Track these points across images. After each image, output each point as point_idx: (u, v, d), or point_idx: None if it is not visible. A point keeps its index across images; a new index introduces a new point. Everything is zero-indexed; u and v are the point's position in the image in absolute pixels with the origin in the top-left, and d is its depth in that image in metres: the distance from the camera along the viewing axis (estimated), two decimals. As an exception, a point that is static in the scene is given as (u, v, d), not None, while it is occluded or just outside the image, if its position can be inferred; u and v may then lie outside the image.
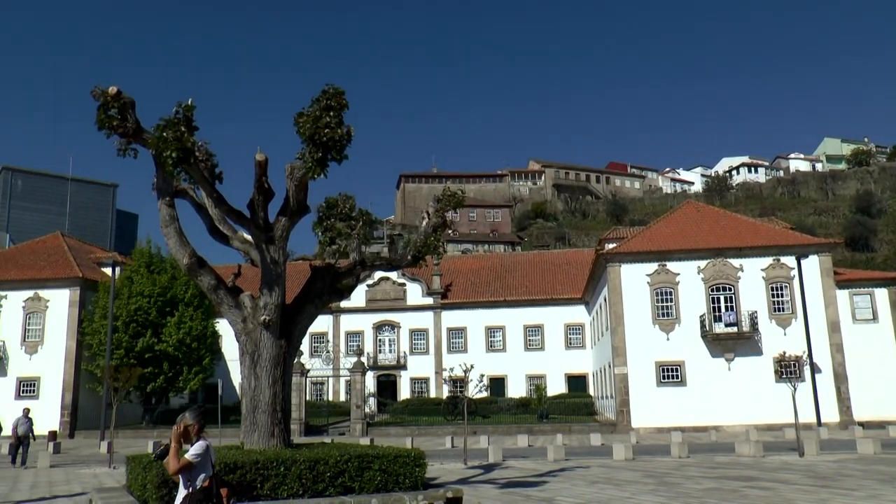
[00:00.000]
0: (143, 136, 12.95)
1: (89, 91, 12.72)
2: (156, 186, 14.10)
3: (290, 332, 14.02)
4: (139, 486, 12.35)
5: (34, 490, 18.81)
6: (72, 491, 18.19)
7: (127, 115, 12.88)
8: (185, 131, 12.08)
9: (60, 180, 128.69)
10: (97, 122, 12.74)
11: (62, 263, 53.93)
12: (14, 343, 52.05)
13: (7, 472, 24.07)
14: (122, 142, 13.13)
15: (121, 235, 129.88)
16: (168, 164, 12.22)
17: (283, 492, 11.62)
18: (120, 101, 12.75)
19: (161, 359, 48.24)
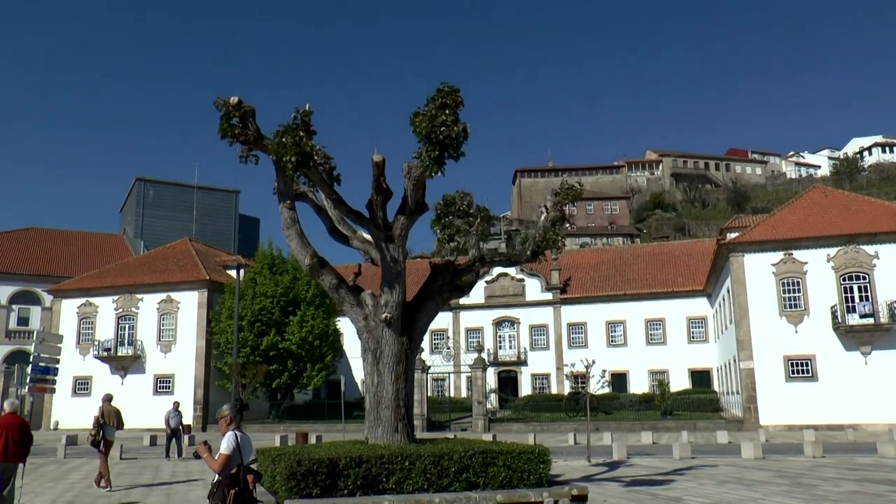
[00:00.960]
0: (264, 142, 13.34)
1: (213, 102, 13.20)
2: (276, 190, 14.49)
3: (412, 329, 14.16)
4: (269, 477, 12.75)
5: (174, 478, 19.76)
6: (207, 481, 18.95)
7: (248, 123, 13.31)
8: (303, 136, 12.36)
9: (187, 189, 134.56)
10: (220, 131, 13.21)
11: (191, 267, 56.50)
12: (150, 342, 54.92)
13: (150, 461, 25.23)
14: (243, 149, 13.57)
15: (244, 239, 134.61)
16: (288, 168, 12.52)
17: (409, 486, 11.75)
18: (241, 110, 13.18)
19: (285, 356, 49.79)
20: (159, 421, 49.75)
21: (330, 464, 11.40)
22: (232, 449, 7.24)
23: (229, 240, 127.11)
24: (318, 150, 12.79)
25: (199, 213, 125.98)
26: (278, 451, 13.20)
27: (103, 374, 55.47)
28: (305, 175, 13.09)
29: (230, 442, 7.28)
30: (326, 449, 12.70)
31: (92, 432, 17.95)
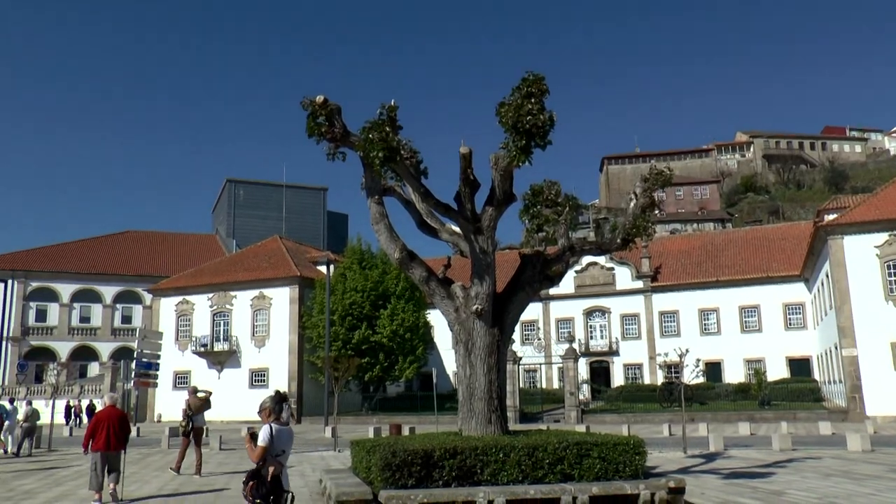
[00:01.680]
0: (351, 139, 13.48)
1: (299, 102, 13.41)
2: (364, 186, 14.62)
3: (503, 321, 14.11)
4: (364, 468, 12.90)
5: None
6: (304, 472, 19.35)
7: (334, 121, 13.46)
8: (389, 131, 12.44)
9: (276, 188, 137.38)
10: (307, 130, 13.41)
11: (282, 264, 57.76)
12: (245, 338, 56.42)
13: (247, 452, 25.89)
14: (330, 146, 13.74)
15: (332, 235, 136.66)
16: (375, 163, 12.63)
17: (503, 478, 11.71)
18: (327, 109, 13.34)
19: (376, 349, 50.40)
20: (255, 413, 51.42)
21: (425, 455, 11.46)
22: (267, 441, 7.65)
23: (318, 236, 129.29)
24: (404, 145, 12.85)
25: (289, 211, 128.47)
26: (373, 442, 13.35)
27: (201, 369, 57.26)
28: (393, 170, 13.18)
29: (266, 434, 7.70)
30: (421, 440, 12.78)
31: (182, 423, 19.33)
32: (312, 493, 15.12)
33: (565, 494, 11.50)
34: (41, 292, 73.02)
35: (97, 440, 13.93)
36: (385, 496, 11.11)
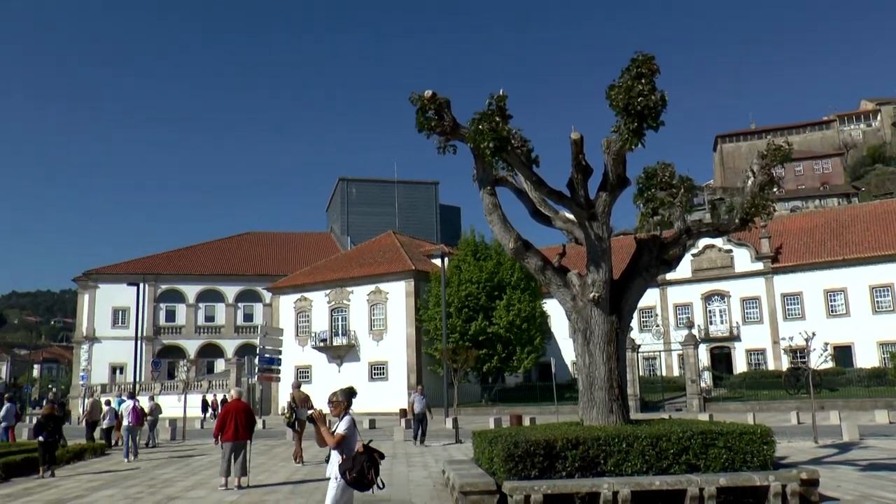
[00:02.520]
0: (461, 131, 13.47)
1: (408, 98, 13.49)
2: (476, 178, 14.60)
3: (620, 308, 13.85)
4: (486, 458, 12.90)
5: (394, 460, 20.54)
6: (427, 463, 19.57)
7: (443, 115, 13.49)
8: (499, 121, 12.36)
9: (388, 184, 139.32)
10: (417, 125, 13.49)
11: (396, 259, 58.53)
12: (363, 332, 57.49)
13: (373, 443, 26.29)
14: (441, 140, 13.77)
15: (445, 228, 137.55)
16: (486, 154, 12.59)
17: (627, 468, 11.51)
18: (436, 103, 13.38)
19: (494, 340, 50.44)
20: (376, 406, 52.31)
21: (546, 445, 11.37)
22: (348, 430, 8.10)
23: (432, 230, 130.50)
24: (514, 134, 12.75)
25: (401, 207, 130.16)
26: (494, 433, 13.34)
27: (321, 363, 58.73)
28: (504, 160, 13.11)
29: (348, 424, 8.14)
30: (542, 431, 12.69)
31: (287, 415, 20.21)
32: (436, 483, 15.27)
33: (692, 486, 11.21)
34: (169, 294, 76.74)
35: (226, 431, 15.48)
36: (509, 487, 11.09)
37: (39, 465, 18.45)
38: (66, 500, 14.54)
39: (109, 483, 17.03)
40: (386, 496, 13.81)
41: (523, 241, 14.15)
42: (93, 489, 16.07)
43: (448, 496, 13.40)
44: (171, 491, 15.37)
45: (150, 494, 14.96)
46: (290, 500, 12.50)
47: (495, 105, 12.58)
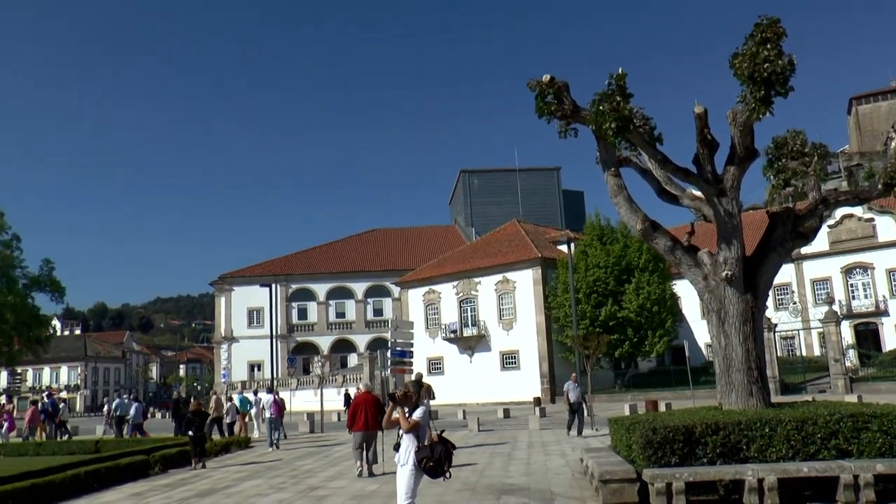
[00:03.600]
0: (581, 114, 13.22)
1: (525, 84, 13.36)
2: (599, 160, 14.30)
3: (755, 286, 13.26)
4: (624, 446, 12.64)
5: (531, 448, 20.50)
6: (564, 451, 19.42)
7: (563, 98, 13.27)
8: (620, 101, 12.07)
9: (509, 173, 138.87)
10: (537, 111, 13.31)
11: (522, 247, 58.38)
12: (492, 322, 57.67)
13: (507, 432, 26.32)
14: (561, 124, 13.54)
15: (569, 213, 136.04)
16: (608, 135, 12.32)
17: (772, 454, 10.97)
18: (554, 87, 13.18)
19: (624, 325, 49.62)
20: (508, 395, 52.44)
21: (686, 431, 11.01)
22: (423, 418, 8.54)
23: (556, 216, 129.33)
24: (636, 113, 12.40)
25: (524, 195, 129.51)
26: (631, 419, 13.06)
27: (452, 354, 59.32)
28: (627, 140, 12.76)
29: (423, 412, 8.59)
30: (680, 416, 12.31)
31: None
32: (574, 472, 15.12)
33: (844, 472, 10.56)
34: (301, 293, 79.37)
35: (357, 422, 16.42)
36: (649, 475, 10.82)
37: (191, 457, 19.82)
38: (217, 490, 15.39)
39: (255, 474, 17.88)
40: (525, 485, 13.79)
41: (651, 222, 13.77)
42: (240, 479, 16.94)
43: (587, 484, 13.24)
44: (314, 481, 15.92)
45: (293, 484, 15.54)
46: (430, 488, 12.60)
47: (615, 85, 12.29)
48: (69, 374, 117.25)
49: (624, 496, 11.12)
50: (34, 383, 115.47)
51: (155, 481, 17.46)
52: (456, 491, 13.31)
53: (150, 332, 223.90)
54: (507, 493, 12.97)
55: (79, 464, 17.16)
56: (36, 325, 73.56)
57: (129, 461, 18.32)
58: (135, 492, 15.76)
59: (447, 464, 8.38)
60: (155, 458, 19.37)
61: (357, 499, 13.21)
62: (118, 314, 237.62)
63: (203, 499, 14.24)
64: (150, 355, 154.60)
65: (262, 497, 14.03)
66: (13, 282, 71.70)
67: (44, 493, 14.50)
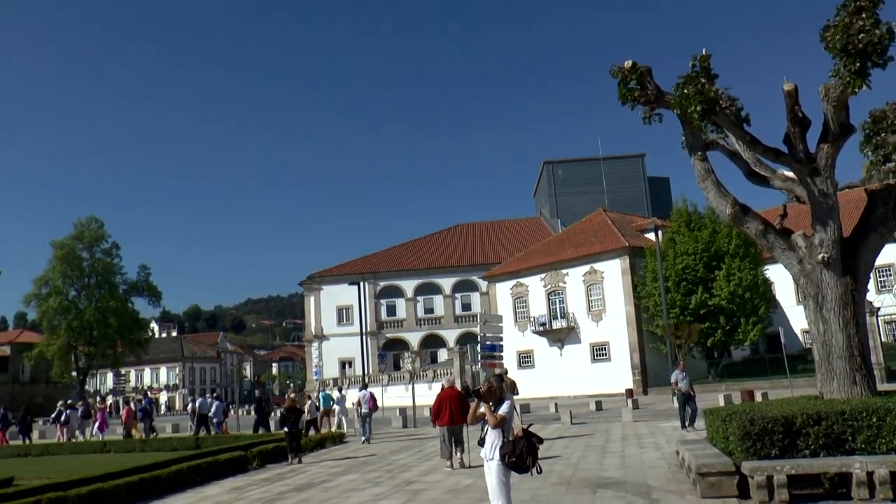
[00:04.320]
0: (665, 98, 12.94)
1: (608, 72, 13.16)
2: (685, 144, 13.95)
3: (855, 268, 12.70)
4: (721, 437, 12.29)
5: (625, 441, 20.19)
6: (658, 444, 19.06)
7: (646, 83, 13.02)
8: (705, 83, 11.78)
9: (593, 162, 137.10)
10: (620, 98, 13.09)
11: (609, 237, 57.57)
12: (581, 313, 57.08)
13: (599, 425, 26.00)
14: (645, 110, 13.29)
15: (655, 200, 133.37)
16: (694, 119, 12.04)
17: (881, 445, 10.39)
18: (637, 72, 12.93)
19: (716, 313, 48.36)
20: (600, 387, 51.87)
21: (785, 422, 10.59)
22: (509, 413, 8.54)
23: (641, 204, 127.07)
24: (722, 94, 12.04)
25: (609, 183, 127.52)
26: (727, 410, 12.68)
27: (542, 347, 58.97)
28: (713, 122, 12.42)
29: (509, 407, 8.59)
30: (778, 406, 11.89)
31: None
32: (670, 464, 14.82)
33: (970, 467, 9.99)
34: (389, 290, 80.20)
35: (442, 416, 16.84)
36: (749, 468, 10.49)
37: (288, 453, 20.30)
38: (314, 484, 15.70)
39: (350, 468, 18.17)
40: (621, 478, 13.58)
41: (741, 206, 13.33)
42: (336, 474, 17.25)
43: (684, 477, 12.94)
44: (409, 475, 16.07)
45: (389, 478, 15.71)
46: (525, 482, 12.53)
47: (699, 66, 11.99)
48: (168, 374, 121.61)
49: (723, 489, 10.82)
50: (136, 383, 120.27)
51: (253, 476, 17.94)
52: (552, 485, 13.21)
53: (242, 332, 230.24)
54: (602, 486, 12.80)
55: (181, 459, 17.90)
56: (136, 329, 76.86)
57: (228, 457, 18.95)
58: (234, 486, 16.22)
59: (531, 458, 8.25)
60: (253, 453, 19.92)
61: (452, 493, 13.24)
62: (211, 316, 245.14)
63: (300, 493, 14.52)
64: (243, 355, 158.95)
65: (359, 491, 14.20)
66: (114, 288, 74.96)
67: (151, 487, 15.30)
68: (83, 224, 74.86)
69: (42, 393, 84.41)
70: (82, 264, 74.15)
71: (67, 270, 72.69)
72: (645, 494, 11.79)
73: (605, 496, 11.89)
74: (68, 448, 28.35)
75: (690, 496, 11.30)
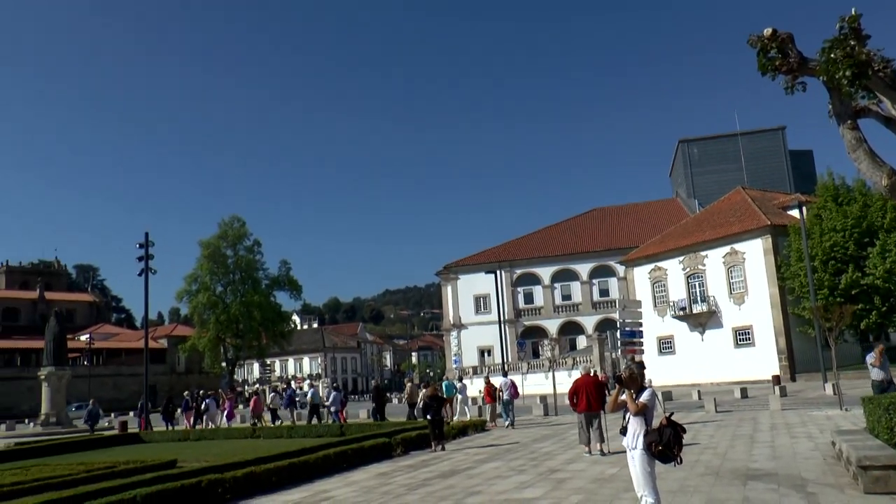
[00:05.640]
0: (809, 65, 12.21)
1: (745, 41, 12.55)
2: (832, 113, 13.10)
3: None
4: (884, 428, 11.48)
5: (774, 431, 19.38)
6: (811, 433, 18.18)
7: (787, 51, 12.32)
8: (855, 45, 11.02)
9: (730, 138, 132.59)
10: (759, 68, 12.45)
11: (749, 215, 55.34)
12: (722, 297, 55.19)
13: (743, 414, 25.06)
14: (787, 79, 12.57)
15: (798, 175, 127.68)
16: (843, 85, 11.28)
17: None
18: (777, 40, 12.27)
19: (870, 293, 45.51)
20: (744, 374, 49.99)
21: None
22: (650, 401, 8.29)
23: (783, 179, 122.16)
24: (874, 56, 11.25)
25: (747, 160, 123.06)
26: (890, 398, 11.83)
27: (683, 333, 57.45)
28: (864, 87, 11.63)
29: (650, 395, 8.34)
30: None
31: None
32: (826, 456, 14.03)
33: None
34: (525, 277, 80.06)
35: (579, 403, 17.20)
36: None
37: (431, 440, 20.59)
38: (458, 471, 15.82)
39: (493, 456, 18.20)
40: (772, 469, 13.00)
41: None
42: (479, 461, 17.31)
43: (842, 470, 12.14)
44: (553, 464, 15.98)
45: (532, 467, 15.65)
46: (672, 472, 12.11)
47: (847, 28, 11.22)
48: (310, 364, 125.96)
49: (889, 485, 10.07)
50: (281, 373, 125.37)
51: (397, 462, 18.27)
52: (699, 475, 12.79)
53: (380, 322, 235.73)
54: (753, 478, 12.23)
55: (328, 446, 18.53)
56: (279, 321, 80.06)
57: (372, 443, 19.42)
58: (380, 472, 16.56)
59: (677, 448, 7.99)
60: (396, 440, 20.30)
61: (598, 482, 13.03)
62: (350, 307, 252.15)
63: (445, 479, 14.66)
64: (382, 345, 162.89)
65: (503, 479, 14.20)
66: (257, 283, 78.28)
67: (300, 471, 15.93)
68: (227, 223, 78.38)
69: (196, 382, 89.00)
70: (227, 261, 77.66)
71: (214, 268, 76.34)
72: (799, 487, 11.17)
73: (756, 488, 11.34)
74: (222, 433, 29.91)
75: (851, 490, 10.60)
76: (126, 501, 11.62)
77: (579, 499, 11.54)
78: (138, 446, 27.77)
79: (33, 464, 20.07)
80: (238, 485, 14.02)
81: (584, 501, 11.32)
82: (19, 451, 25.57)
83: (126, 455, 21.34)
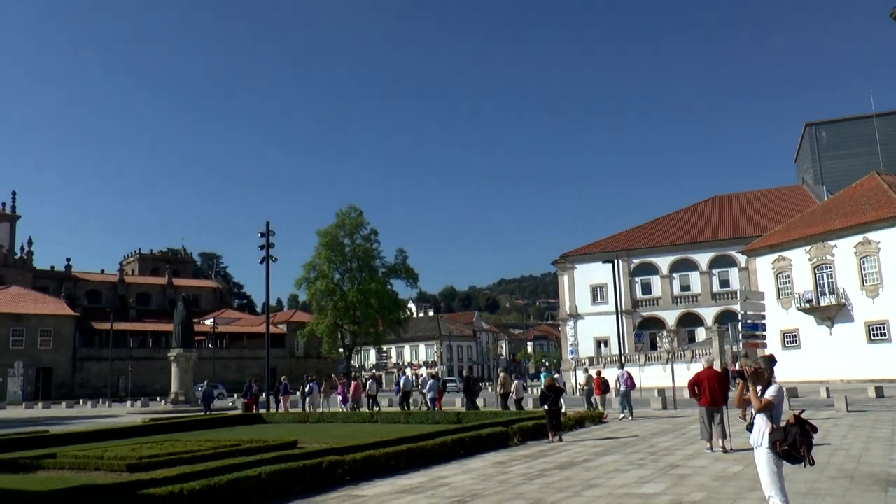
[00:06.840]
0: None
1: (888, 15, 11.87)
2: None
3: None
4: None
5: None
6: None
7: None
8: None
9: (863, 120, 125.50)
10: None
11: (885, 202, 52.42)
12: (853, 289, 52.60)
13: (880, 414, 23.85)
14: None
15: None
16: None
17: None
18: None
19: None
20: (878, 372, 47.58)
21: None
22: (776, 397, 7.93)
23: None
24: None
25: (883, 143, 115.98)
26: None
27: (809, 326, 55.14)
28: None
29: (776, 391, 7.97)
30: None
31: None
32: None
33: None
34: (643, 267, 78.53)
35: (701, 397, 16.72)
36: None
37: (548, 430, 20.50)
38: (576, 463, 15.69)
39: (611, 449, 17.95)
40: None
41: None
42: (597, 454, 17.11)
43: None
44: (673, 459, 15.64)
45: (652, 462, 15.34)
46: (801, 473, 11.57)
47: None
48: (426, 351, 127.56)
49: None
50: (397, 360, 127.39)
51: (514, 452, 18.22)
52: (830, 478, 12.18)
53: (496, 311, 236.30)
54: (894, 485, 11.52)
55: (444, 433, 18.71)
56: (395, 309, 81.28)
57: (489, 432, 19.50)
58: (498, 460, 16.58)
59: (805, 448, 7.58)
60: (514, 429, 20.30)
61: (721, 480, 12.63)
62: (466, 296, 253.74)
63: (563, 471, 14.53)
64: (497, 333, 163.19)
65: (622, 473, 13.97)
66: (374, 271, 79.66)
67: (418, 456, 16.17)
68: (344, 213, 79.92)
69: (314, 367, 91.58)
70: (344, 250, 79.25)
71: (332, 256, 78.01)
72: (951, 498, 10.46)
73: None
74: (340, 417, 30.70)
75: None
76: (252, 478, 12.05)
77: (702, 496, 11.21)
78: (260, 426, 28.93)
79: (165, 439, 21.36)
80: (357, 467, 14.33)
81: (707, 499, 10.98)
82: (153, 426, 27.21)
83: (249, 434, 22.18)
